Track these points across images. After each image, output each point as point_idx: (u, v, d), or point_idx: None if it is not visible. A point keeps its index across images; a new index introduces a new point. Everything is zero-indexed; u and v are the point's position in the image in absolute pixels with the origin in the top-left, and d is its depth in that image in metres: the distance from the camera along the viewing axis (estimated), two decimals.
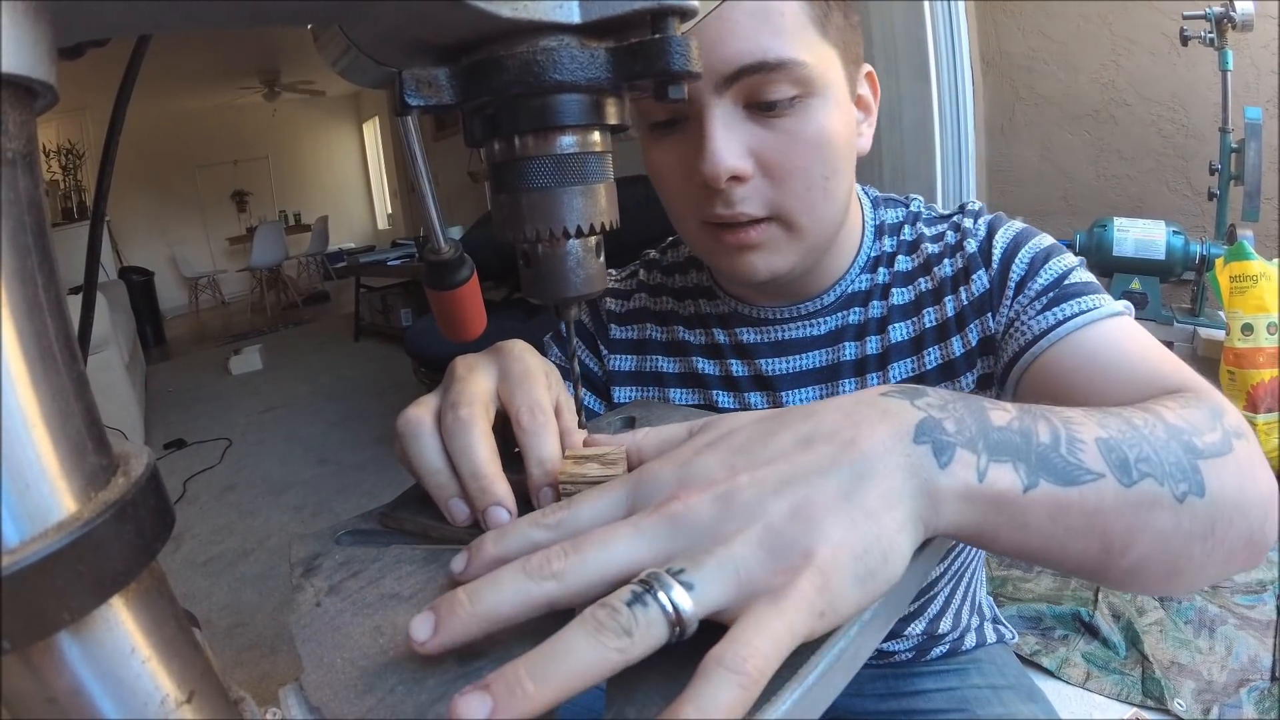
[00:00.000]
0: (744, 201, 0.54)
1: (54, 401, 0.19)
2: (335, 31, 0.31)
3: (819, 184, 0.54)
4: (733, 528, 0.28)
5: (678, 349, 0.70)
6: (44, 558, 0.17)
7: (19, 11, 0.19)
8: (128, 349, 3.98)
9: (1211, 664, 1.30)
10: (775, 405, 0.66)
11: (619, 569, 0.28)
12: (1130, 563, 0.33)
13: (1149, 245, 1.93)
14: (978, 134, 2.52)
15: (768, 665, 0.24)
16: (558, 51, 0.27)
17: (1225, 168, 1.96)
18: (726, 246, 0.57)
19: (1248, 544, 0.35)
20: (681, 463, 0.32)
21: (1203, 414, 0.38)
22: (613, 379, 0.73)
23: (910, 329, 0.63)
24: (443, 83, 0.29)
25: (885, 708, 0.74)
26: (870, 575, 0.27)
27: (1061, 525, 0.31)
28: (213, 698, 0.22)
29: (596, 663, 0.24)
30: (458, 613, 0.27)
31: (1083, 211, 2.45)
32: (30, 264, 0.19)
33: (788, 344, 0.66)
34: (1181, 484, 0.33)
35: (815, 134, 0.53)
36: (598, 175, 0.31)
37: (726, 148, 0.52)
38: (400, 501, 0.42)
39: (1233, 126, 1.95)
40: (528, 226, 0.31)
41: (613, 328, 0.73)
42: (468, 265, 0.44)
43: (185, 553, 2.49)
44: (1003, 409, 0.34)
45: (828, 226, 0.58)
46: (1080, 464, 0.32)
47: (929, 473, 0.30)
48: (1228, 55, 1.92)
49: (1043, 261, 0.59)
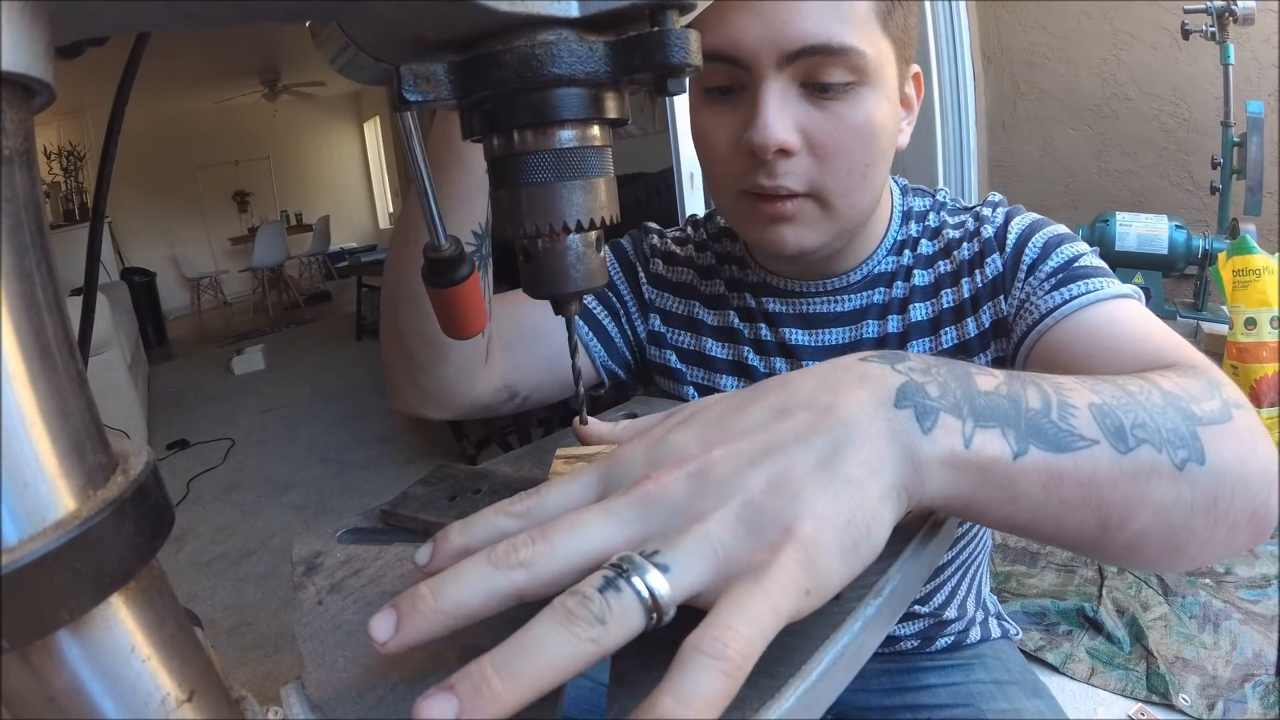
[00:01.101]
0: (786, 175, 0.55)
1: (52, 399, 0.19)
2: (333, 29, 0.31)
3: (860, 169, 0.55)
4: (708, 505, 0.27)
5: (717, 302, 0.71)
6: (43, 556, 0.17)
7: (16, 10, 0.19)
8: (130, 350, 3.98)
9: (1216, 659, 1.30)
10: None
11: (590, 555, 0.26)
12: (1129, 537, 0.31)
13: (1151, 240, 1.93)
14: (979, 129, 2.52)
15: (751, 649, 0.22)
16: (556, 45, 0.27)
17: (1227, 162, 1.95)
18: (761, 216, 0.58)
19: (1251, 518, 0.34)
20: (654, 442, 0.31)
21: (1200, 384, 0.37)
22: (653, 310, 0.74)
23: (929, 310, 0.65)
24: (441, 78, 0.28)
25: (890, 702, 0.74)
26: (854, 547, 0.26)
27: (1055, 497, 0.30)
28: (213, 696, 0.22)
29: (569, 655, 0.22)
30: (420, 609, 0.25)
31: (1085, 206, 2.45)
32: (28, 262, 0.19)
33: (813, 317, 0.67)
34: (1180, 450, 0.32)
35: (864, 121, 0.54)
36: (598, 170, 0.31)
37: (779, 121, 0.52)
38: (401, 499, 0.42)
39: (1234, 120, 1.94)
40: (527, 222, 0.31)
41: (656, 262, 0.74)
42: (467, 262, 0.44)
43: (189, 552, 2.49)
44: (989, 374, 0.33)
45: (861, 211, 0.59)
46: (1073, 430, 0.30)
47: (912, 438, 0.29)
48: (1229, 49, 1.91)
49: (1055, 246, 0.60)
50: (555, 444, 0.46)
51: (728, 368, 0.70)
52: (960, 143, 2.44)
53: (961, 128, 2.43)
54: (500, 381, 0.65)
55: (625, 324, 0.74)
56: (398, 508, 0.41)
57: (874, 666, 0.76)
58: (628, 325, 0.74)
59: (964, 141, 2.44)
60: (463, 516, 0.38)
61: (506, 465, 0.47)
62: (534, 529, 0.27)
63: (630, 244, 0.77)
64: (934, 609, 0.73)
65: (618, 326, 0.73)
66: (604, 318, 0.73)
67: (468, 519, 0.30)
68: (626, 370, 0.75)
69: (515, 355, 0.65)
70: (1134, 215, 1.97)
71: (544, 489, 0.30)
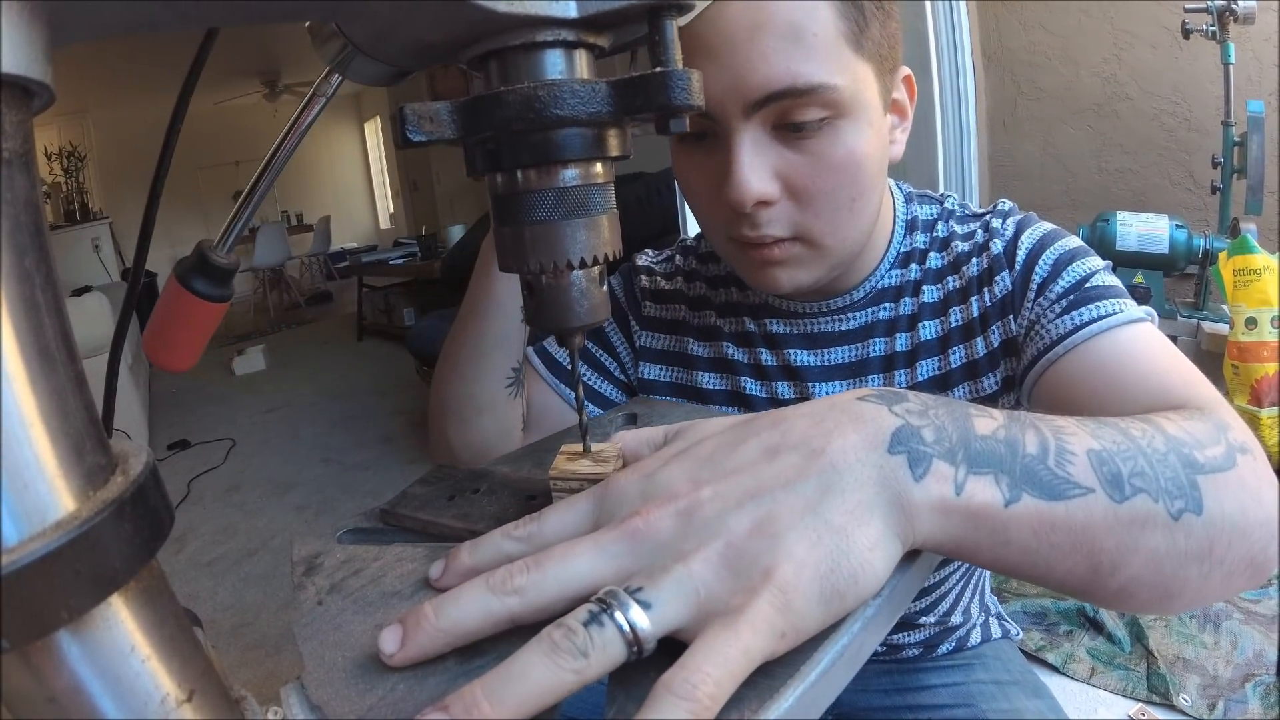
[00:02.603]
0: (770, 224, 0.53)
1: (52, 400, 0.19)
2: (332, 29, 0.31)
3: (845, 205, 0.54)
4: (692, 545, 0.28)
5: (709, 334, 0.70)
6: (42, 556, 0.17)
7: (15, 11, 0.19)
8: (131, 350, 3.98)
9: (1217, 659, 1.30)
10: (803, 396, 0.66)
11: (580, 585, 0.28)
12: (1120, 583, 0.31)
13: (1152, 239, 1.93)
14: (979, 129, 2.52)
15: (720, 691, 0.23)
16: (559, 86, 0.27)
17: (1228, 161, 1.95)
18: (751, 261, 0.57)
19: (1249, 566, 0.34)
20: (646, 474, 0.32)
21: (1206, 427, 0.37)
22: (643, 355, 0.73)
23: (938, 327, 0.63)
24: (444, 118, 0.28)
25: (890, 703, 0.73)
26: (837, 595, 0.27)
27: (1046, 542, 0.30)
28: (213, 696, 0.22)
29: (552, 684, 0.24)
30: (423, 627, 0.27)
31: (1085, 206, 2.45)
32: (28, 263, 0.19)
33: (818, 337, 0.66)
34: (1177, 500, 0.32)
35: (844, 156, 0.52)
36: (600, 207, 0.31)
37: (753, 174, 0.51)
38: (400, 499, 0.42)
39: (1235, 120, 1.94)
40: (531, 259, 0.31)
41: (647, 304, 0.74)
42: (230, 288, 0.43)
43: (190, 553, 2.49)
44: (989, 416, 0.32)
45: (853, 244, 0.58)
46: (1069, 478, 0.31)
47: (902, 485, 0.29)
48: (1229, 48, 1.91)
49: (1066, 264, 0.58)
50: (553, 444, 0.46)
51: (724, 399, 0.69)
52: (961, 142, 2.44)
53: (962, 127, 2.42)
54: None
55: (619, 374, 0.74)
56: (397, 507, 0.41)
57: (874, 667, 0.76)
58: (619, 373, 0.74)
59: (964, 141, 2.44)
60: (462, 516, 0.39)
61: (505, 465, 0.47)
62: (530, 558, 0.29)
63: (620, 287, 0.75)
64: (939, 617, 0.73)
65: (618, 364, 0.74)
66: (602, 357, 0.73)
67: (477, 540, 0.32)
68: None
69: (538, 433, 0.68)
70: (1135, 215, 1.97)
71: (544, 515, 0.32)
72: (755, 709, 0.24)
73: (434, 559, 0.35)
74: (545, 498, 0.38)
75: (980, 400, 0.62)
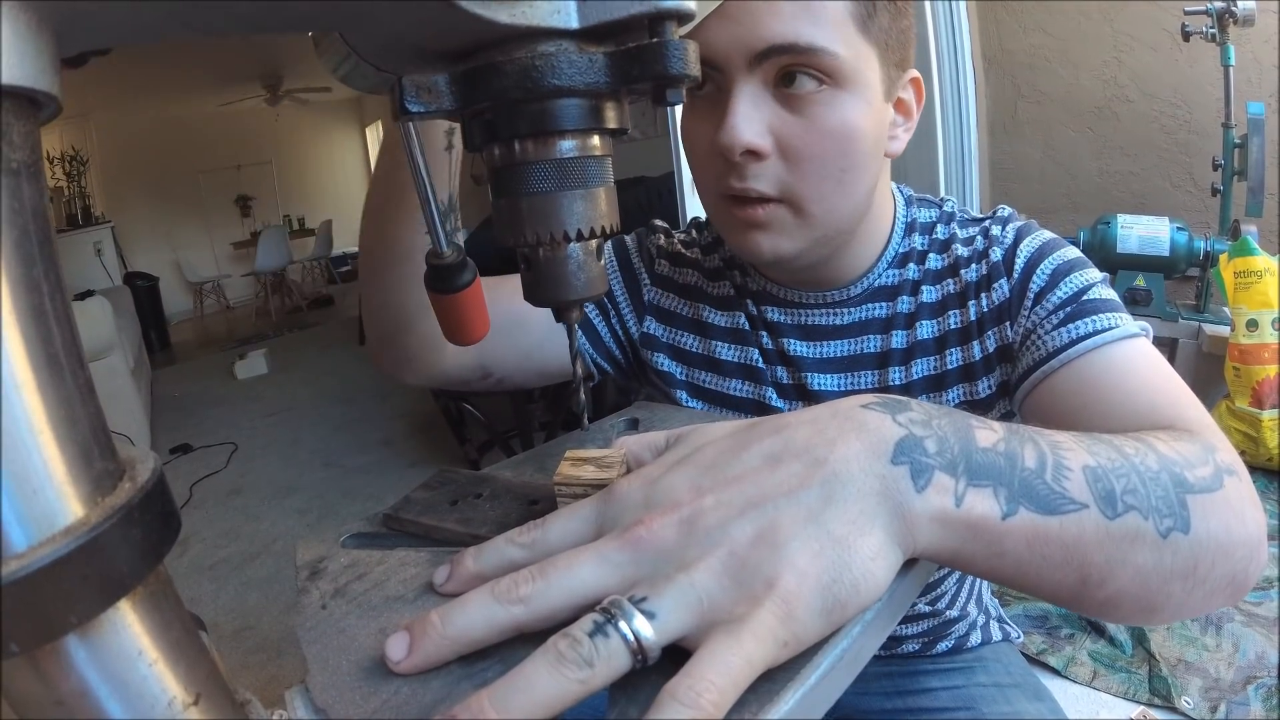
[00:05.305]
0: (757, 178, 0.54)
1: (60, 407, 0.19)
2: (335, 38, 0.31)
3: (834, 174, 0.55)
4: (695, 554, 0.28)
5: (726, 304, 0.70)
6: (51, 562, 0.17)
7: (21, 22, 0.19)
8: (133, 354, 3.99)
9: (1219, 661, 1.30)
10: (800, 384, 0.67)
11: (584, 595, 0.28)
12: (1107, 595, 0.32)
13: (1153, 242, 1.93)
14: (980, 132, 2.52)
15: (723, 698, 0.24)
16: (556, 56, 0.27)
17: (1228, 163, 1.95)
18: (736, 221, 0.57)
19: (1230, 584, 0.35)
20: (649, 481, 0.32)
21: (1195, 449, 0.38)
22: (655, 312, 0.73)
23: (935, 328, 0.64)
24: (442, 89, 0.29)
25: (890, 705, 0.74)
26: (839, 605, 0.27)
27: (1039, 554, 0.31)
28: (219, 700, 0.22)
29: (558, 694, 0.24)
30: (430, 635, 0.28)
31: (1086, 208, 2.45)
32: (36, 272, 0.19)
33: (813, 329, 0.67)
34: (1167, 519, 0.33)
35: (837, 125, 0.53)
36: (598, 179, 0.31)
37: (746, 123, 0.52)
38: (403, 503, 0.42)
39: (1235, 122, 1.94)
40: (528, 230, 0.31)
41: (662, 263, 0.74)
42: (470, 269, 0.44)
43: (192, 557, 2.49)
44: (990, 429, 0.33)
45: (840, 219, 0.58)
46: (1064, 493, 0.31)
47: (904, 496, 0.30)
48: (1229, 50, 1.91)
49: (1064, 274, 0.58)
50: (557, 449, 0.46)
51: (738, 370, 0.69)
52: (961, 145, 2.44)
53: (962, 130, 2.43)
54: (474, 361, 0.66)
55: (615, 323, 0.74)
56: (400, 512, 0.41)
57: (874, 669, 0.76)
58: (618, 324, 0.74)
59: (965, 144, 2.44)
60: (464, 521, 0.39)
61: (508, 470, 0.47)
62: (534, 566, 0.29)
63: (634, 242, 0.76)
64: (937, 609, 0.73)
65: (606, 324, 0.73)
66: (593, 315, 0.73)
67: (481, 546, 0.32)
68: (614, 366, 0.75)
69: (493, 340, 0.65)
70: (1135, 217, 1.96)
71: (548, 521, 0.32)
72: (756, 712, 0.24)
73: (437, 564, 0.35)
74: (548, 503, 0.38)
75: (975, 403, 0.62)
